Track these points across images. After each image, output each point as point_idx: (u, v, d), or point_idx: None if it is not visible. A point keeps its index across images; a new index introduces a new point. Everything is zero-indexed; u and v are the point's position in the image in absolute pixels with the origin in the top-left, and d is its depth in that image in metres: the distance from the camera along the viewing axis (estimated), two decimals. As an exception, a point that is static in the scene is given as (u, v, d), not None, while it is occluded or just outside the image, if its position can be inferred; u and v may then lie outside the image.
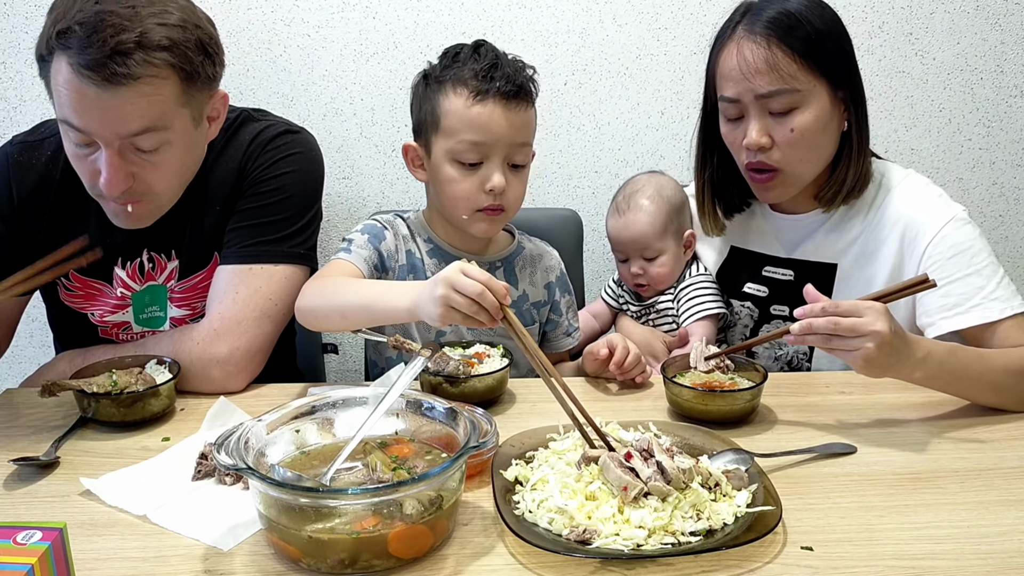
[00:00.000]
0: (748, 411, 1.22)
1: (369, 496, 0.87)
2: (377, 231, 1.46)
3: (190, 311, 1.48)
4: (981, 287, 1.33)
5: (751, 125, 1.34)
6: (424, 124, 1.40)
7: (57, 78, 1.19)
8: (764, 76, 1.30)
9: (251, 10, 1.96)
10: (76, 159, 1.27)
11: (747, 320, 1.56)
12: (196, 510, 0.99)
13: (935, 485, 1.05)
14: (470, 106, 1.33)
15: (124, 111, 1.19)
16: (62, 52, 1.16)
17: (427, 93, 1.39)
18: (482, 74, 1.34)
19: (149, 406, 1.22)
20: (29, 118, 1.95)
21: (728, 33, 1.35)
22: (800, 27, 1.30)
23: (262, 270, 1.37)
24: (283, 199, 1.41)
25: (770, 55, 1.30)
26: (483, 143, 1.35)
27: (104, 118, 1.19)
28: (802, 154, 1.36)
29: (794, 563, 0.89)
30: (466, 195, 1.37)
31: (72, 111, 1.19)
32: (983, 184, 2.16)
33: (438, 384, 1.26)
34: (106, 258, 1.42)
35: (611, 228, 1.63)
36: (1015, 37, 2.06)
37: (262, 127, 1.43)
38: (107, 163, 1.23)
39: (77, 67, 1.15)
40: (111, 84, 1.16)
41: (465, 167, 1.36)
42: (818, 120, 1.33)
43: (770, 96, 1.31)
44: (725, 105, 1.38)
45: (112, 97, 1.17)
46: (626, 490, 0.92)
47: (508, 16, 2.00)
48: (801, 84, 1.31)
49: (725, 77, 1.35)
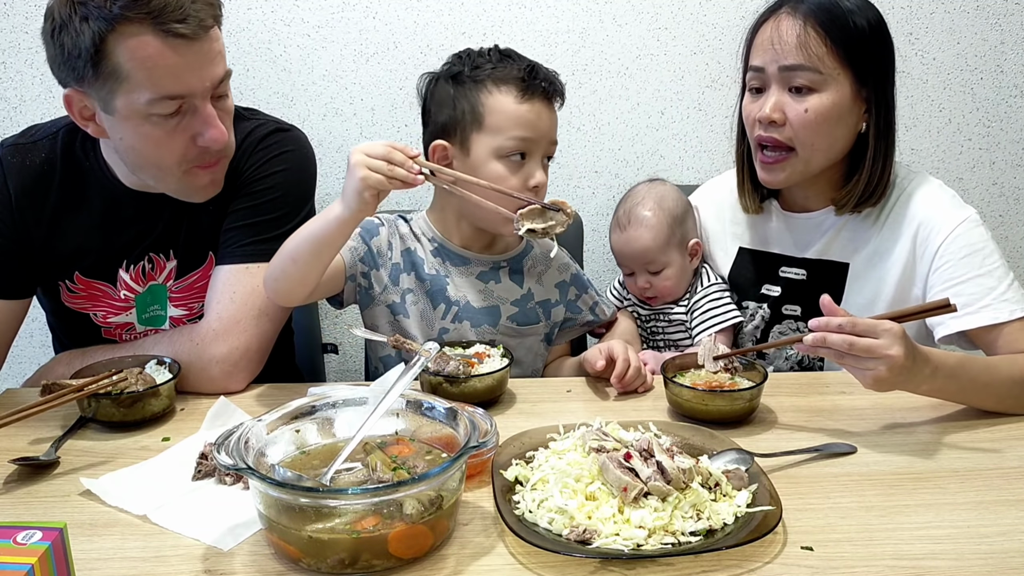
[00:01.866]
0: (748, 411, 1.22)
1: (369, 496, 0.87)
2: (372, 226, 1.46)
3: (187, 311, 1.48)
4: (992, 288, 1.33)
5: (767, 98, 1.37)
6: (459, 122, 1.39)
7: (138, 55, 1.18)
8: (792, 50, 1.33)
9: (251, 10, 1.96)
10: (163, 140, 1.26)
11: (759, 321, 1.55)
12: (196, 510, 0.99)
13: (935, 485, 1.05)
14: (519, 105, 1.37)
15: (213, 56, 1.24)
16: (136, 24, 1.16)
17: (462, 92, 1.39)
18: (526, 74, 1.38)
19: (149, 406, 1.22)
20: (29, 118, 1.95)
21: (772, 11, 1.39)
22: (840, 16, 1.33)
23: (259, 269, 1.37)
24: (277, 198, 1.41)
25: (803, 33, 1.33)
26: (530, 139, 1.38)
27: (201, 70, 1.23)
28: (812, 138, 1.36)
29: (794, 563, 0.89)
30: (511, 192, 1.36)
31: (168, 77, 1.20)
32: (983, 184, 2.16)
33: (438, 384, 1.26)
34: (111, 260, 1.42)
35: (614, 243, 1.61)
36: (1015, 37, 2.06)
37: (253, 126, 1.43)
38: (210, 116, 1.26)
39: (167, 29, 1.17)
40: (201, 31, 1.20)
41: (511, 163, 1.38)
42: (834, 107, 1.34)
43: (792, 70, 1.34)
44: (751, 75, 1.41)
45: (202, 45, 1.21)
46: (626, 490, 0.92)
47: (508, 16, 2.00)
48: (825, 67, 1.33)
49: (756, 47, 1.39)
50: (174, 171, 1.31)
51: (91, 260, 1.42)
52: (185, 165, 1.30)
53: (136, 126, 1.24)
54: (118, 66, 1.18)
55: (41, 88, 1.97)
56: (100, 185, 1.38)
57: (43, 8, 1.21)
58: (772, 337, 1.54)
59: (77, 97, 1.25)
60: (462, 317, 1.48)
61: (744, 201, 1.54)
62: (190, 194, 1.36)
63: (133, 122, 1.24)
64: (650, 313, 1.64)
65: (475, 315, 1.48)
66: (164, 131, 1.25)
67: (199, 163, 1.31)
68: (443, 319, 1.47)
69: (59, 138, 1.38)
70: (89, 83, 1.21)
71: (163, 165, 1.30)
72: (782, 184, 1.45)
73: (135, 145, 1.28)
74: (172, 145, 1.27)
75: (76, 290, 1.44)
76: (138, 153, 1.29)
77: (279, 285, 1.32)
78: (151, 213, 1.40)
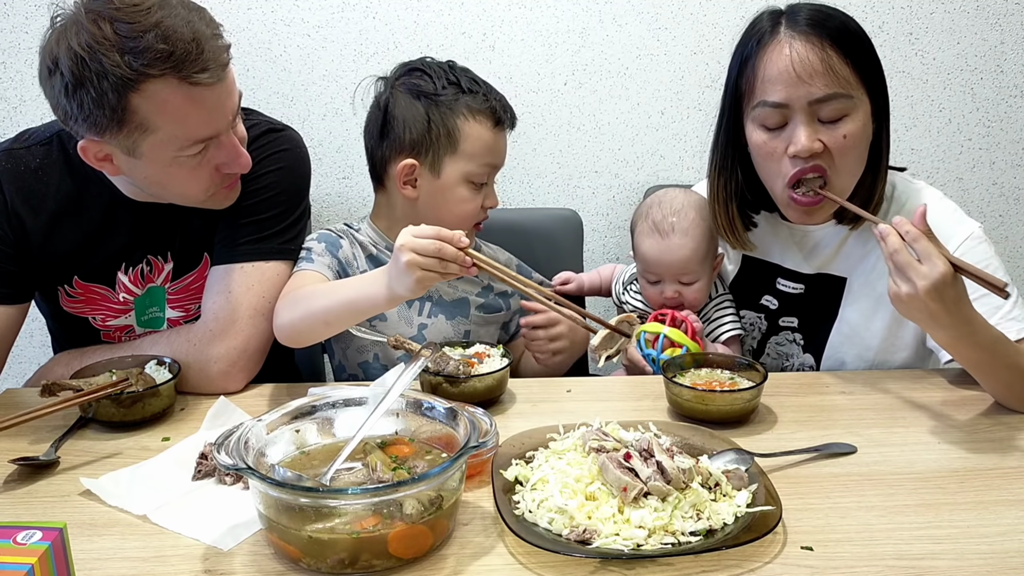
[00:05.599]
0: (748, 411, 1.22)
1: (369, 496, 0.87)
2: (332, 239, 1.48)
3: (184, 313, 1.48)
4: (999, 307, 1.28)
5: (799, 131, 1.25)
6: (432, 144, 1.43)
7: (167, 108, 1.17)
8: (821, 78, 1.22)
9: (251, 10, 1.96)
10: (191, 176, 1.27)
11: (756, 332, 1.54)
12: (196, 510, 0.99)
13: (935, 485, 1.05)
14: (493, 134, 1.45)
15: (232, 90, 1.26)
16: (162, 79, 1.15)
17: (437, 114, 1.42)
18: (499, 106, 1.46)
19: (149, 406, 1.22)
20: (29, 118, 1.95)
21: (769, 36, 1.27)
22: (848, 31, 1.26)
23: (254, 268, 1.37)
24: (271, 197, 1.41)
25: (826, 56, 1.22)
26: (496, 166, 1.49)
27: (225, 108, 1.25)
28: (850, 164, 1.28)
29: (794, 563, 0.89)
30: (472, 213, 1.48)
31: (198, 124, 1.22)
32: (983, 184, 2.16)
33: (438, 384, 1.26)
34: (109, 263, 1.42)
35: (648, 250, 1.47)
36: (1015, 37, 2.06)
37: (247, 126, 1.43)
38: (234, 146, 1.29)
39: (193, 81, 1.16)
40: (221, 72, 1.21)
41: (475, 188, 1.47)
42: (864, 128, 1.28)
43: (824, 100, 1.23)
44: (767, 112, 1.27)
45: (222, 85, 1.23)
46: (626, 491, 0.92)
47: (508, 16, 2.00)
48: (853, 90, 1.25)
49: (772, 81, 1.25)
50: (199, 197, 1.33)
51: (89, 264, 1.41)
52: (211, 191, 1.32)
53: (163, 168, 1.25)
54: (145, 120, 1.18)
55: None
56: (96, 191, 1.37)
57: (43, 8, 1.20)
58: (768, 348, 1.52)
59: (93, 146, 1.23)
60: (436, 312, 1.52)
61: (729, 239, 1.45)
62: (211, 207, 1.38)
63: (160, 165, 1.25)
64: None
65: (448, 308, 1.53)
66: (190, 168, 1.26)
67: (223, 185, 1.33)
68: (420, 315, 1.51)
69: (54, 143, 1.37)
70: (111, 135, 1.20)
71: (188, 195, 1.33)
72: (816, 222, 1.39)
73: (160, 181, 1.29)
74: (199, 178, 1.29)
75: (75, 294, 1.44)
76: (162, 187, 1.31)
77: (301, 338, 1.33)
78: (147, 217, 1.40)
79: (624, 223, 2.14)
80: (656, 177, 2.10)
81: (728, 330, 1.50)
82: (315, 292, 1.31)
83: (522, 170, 2.10)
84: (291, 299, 1.33)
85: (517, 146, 2.06)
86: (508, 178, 2.08)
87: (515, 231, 1.67)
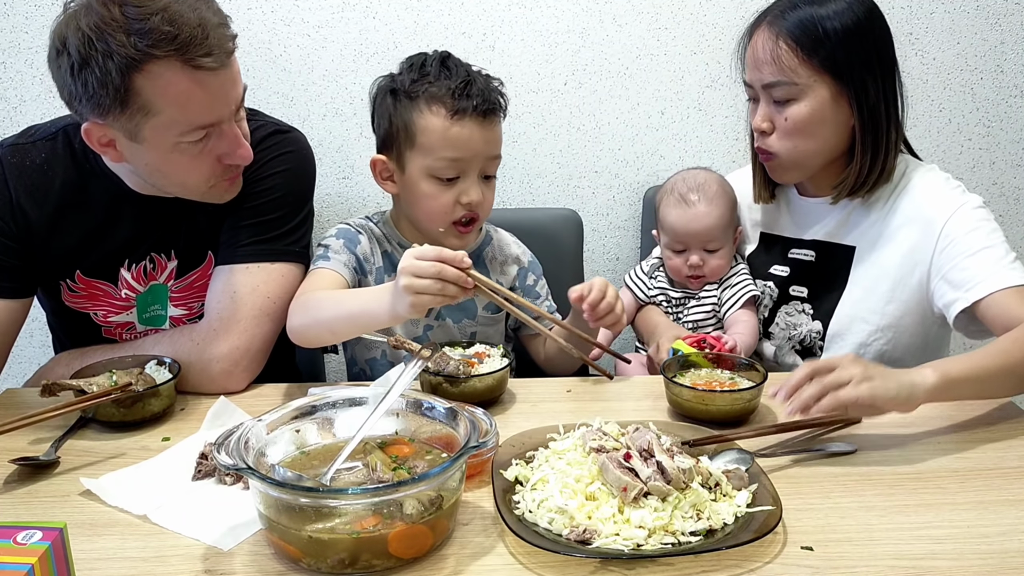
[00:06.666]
0: (748, 411, 1.22)
1: (369, 496, 0.87)
2: (352, 235, 1.47)
3: (187, 311, 1.48)
4: (1000, 258, 1.36)
5: (759, 110, 1.45)
6: (395, 139, 1.41)
7: (169, 91, 1.17)
8: (768, 67, 1.40)
9: (251, 10, 1.96)
10: (192, 164, 1.27)
11: (767, 300, 1.62)
12: (196, 510, 1.00)
13: (935, 485, 1.05)
14: (449, 125, 1.36)
15: (235, 79, 1.26)
16: (166, 60, 1.15)
17: (397, 108, 1.40)
18: (458, 91, 1.36)
19: (149, 406, 1.22)
20: (29, 118, 1.95)
21: (755, 26, 1.45)
22: (812, 26, 1.37)
23: (259, 269, 1.38)
24: (277, 198, 1.41)
25: (775, 48, 1.39)
26: (461, 159, 1.38)
27: (227, 96, 1.24)
28: (795, 143, 1.43)
29: (794, 563, 0.89)
30: (443, 209, 1.41)
31: (200, 110, 1.21)
32: (983, 184, 2.16)
33: (438, 384, 1.26)
34: (112, 259, 1.42)
35: (676, 220, 1.62)
36: (1015, 37, 2.06)
37: (253, 127, 1.43)
38: (236, 136, 1.28)
39: (196, 64, 1.17)
40: (225, 58, 1.21)
41: (443, 182, 1.39)
42: (813, 113, 1.40)
43: (771, 86, 1.41)
44: (745, 88, 1.49)
45: (227, 73, 1.22)
46: (626, 491, 0.92)
47: (508, 16, 2.00)
48: (800, 78, 1.38)
49: (746, 63, 1.47)
50: (200, 187, 1.33)
51: (92, 260, 1.42)
52: (212, 181, 1.32)
53: (164, 154, 1.25)
54: (148, 102, 1.18)
55: (41, 88, 1.97)
56: (101, 186, 1.38)
57: (43, 8, 1.21)
58: (779, 317, 1.59)
59: (97, 129, 1.23)
60: (444, 315, 1.51)
61: (756, 191, 1.61)
62: (212, 200, 1.37)
63: (161, 151, 1.25)
64: (683, 296, 1.68)
65: (454, 311, 1.51)
66: (191, 156, 1.26)
67: (224, 177, 1.33)
68: (427, 316, 1.50)
69: (59, 139, 1.38)
70: (114, 117, 1.20)
71: (188, 184, 1.32)
72: (783, 181, 1.53)
73: (161, 168, 1.29)
74: (200, 167, 1.29)
75: (77, 289, 1.44)
76: (163, 175, 1.31)
77: (311, 342, 1.36)
78: (151, 213, 1.40)
79: (624, 223, 2.14)
80: (656, 177, 2.09)
81: (746, 291, 1.60)
82: (324, 300, 1.32)
83: (522, 170, 2.10)
84: (302, 303, 1.33)
85: (517, 146, 2.06)
86: (508, 178, 2.08)
87: (515, 231, 1.67)
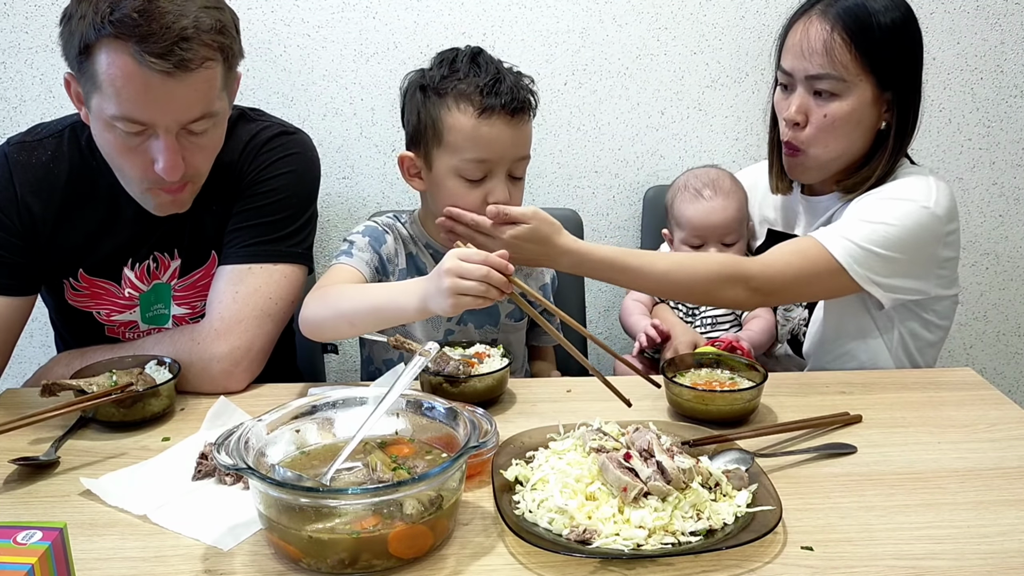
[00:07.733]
0: (748, 411, 1.22)
1: (369, 496, 0.87)
2: (378, 234, 1.46)
3: (190, 310, 1.48)
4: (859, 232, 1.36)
5: (793, 100, 1.42)
6: (423, 135, 1.39)
7: (111, 70, 1.17)
8: (819, 57, 1.37)
9: (251, 10, 1.96)
10: (124, 152, 1.25)
11: None
12: (196, 510, 0.99)
13: (935, 485, 1.05)
14: (476, 124, 1.33)
15: (189, 98, 1.20)
16: (120, 42, 1.15)
17: (427, 104, 1.37)
18: (486, 89, 1.32)
19: (149, 406, 1.22)
20: (29, 118, 1.95)
21: (804, 11, 1.42)
22: (867, 21, 1.36)
23: (261, 269, 1.38)
24: (281, 200, 1.41)
25: (830, 39, 1.36)
26: (489, 160, 1.35)
27: (168, 106, 1.19)
28: (828, 140, 1.42)
29: (794, 563, 0.89)
30: (470, 209, 1.35)
31: (133, 102, 1.18)
32: (983, 184, 2.16)
33: (438, 384, 1.26)
34: (115, 258, 1.42)
35: (694, 213, 1.64)
36: (1015, 37, 2.06)
37: (259, 128, 1.43)
38: (167, 150, 1.22)
39: (141, 56, 1.14)
40: (178, 71, 1.16)
41: (469, 182, 1.36)
42: (853, 112, 1.39)
43: (817, 78, 1.39)
44: (781, 75, 1.46)
45: (177, 84, 1.17)
46: (626, 491, 0.92)
47: (508, 16, 2.00)
48: (849, 74, 1.37)
49: (788, 50, 1.43)
50: (134, 183, 1.31)
51: (96, 258, 1.42)
52: (146, 183, 1.29)
53: (103, 129, 1.25)
54: (96, 73, 1.19)
55: (41, 88, 1.97)
56: (106, 184, 1.38)
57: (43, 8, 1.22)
58: (779, 314, 1.61)
59: (72, 81, 1.26)
60: (466, 320, 1.49)
61: (773, 182, 1.60)
62: (150, 207, 1.35)
63: (100, 124, 1.24)
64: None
65: (478, 316, 1.49)
66: (125, 144, 1.24)
67: (160, 186, 1.29)
68: (448, 320, 1.48)
69: (64, 137, 1.39)
70: (79, 74, 1.23)
71: (123, 174, 1.31)
72: (801, 178, 1.54)
73: (102, 145, 1.29)
74: (132, 160, 1.26)
75: (80, 288, 1.44)
76: (105, 153, 1.30)
77: (325, 334, 1.35)
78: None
79: (624, 223, 2.14)
80: (656, 177, 2.10)
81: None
82: (346, 291, 1.31)
83: (522, 170, 2.10)
84: (322, 294, 1.32)
85: (517, 146, 2.06)
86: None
87: (515, 231, 1.67)
